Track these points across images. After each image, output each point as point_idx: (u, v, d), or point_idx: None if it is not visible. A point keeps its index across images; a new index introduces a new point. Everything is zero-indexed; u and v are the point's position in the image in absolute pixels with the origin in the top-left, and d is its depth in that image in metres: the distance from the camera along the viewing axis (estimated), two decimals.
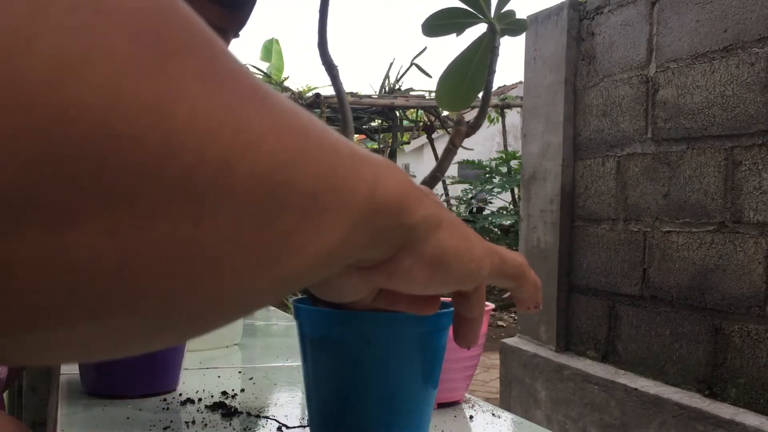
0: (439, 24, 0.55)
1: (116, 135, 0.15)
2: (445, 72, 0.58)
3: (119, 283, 0.17)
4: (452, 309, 0.48)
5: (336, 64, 0.50)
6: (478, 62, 0.56)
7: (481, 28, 0.55)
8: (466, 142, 0.54)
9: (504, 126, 7.16)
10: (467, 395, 0.75)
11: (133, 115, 0.15)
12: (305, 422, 0.63)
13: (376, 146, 6.99)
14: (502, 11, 0.54)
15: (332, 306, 0.46)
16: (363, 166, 0.27)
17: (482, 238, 0.36)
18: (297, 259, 0.23)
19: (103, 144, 0.15)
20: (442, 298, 0.52)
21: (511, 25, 0.54)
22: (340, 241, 0.26)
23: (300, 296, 0.49)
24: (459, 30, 0.55)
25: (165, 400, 0.70)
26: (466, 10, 0.54)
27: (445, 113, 7.29)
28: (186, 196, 0.17)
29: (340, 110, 0.52)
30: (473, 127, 0.51)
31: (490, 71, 0.53)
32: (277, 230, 0.21)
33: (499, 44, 0.54)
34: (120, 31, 0.15)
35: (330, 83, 0.52)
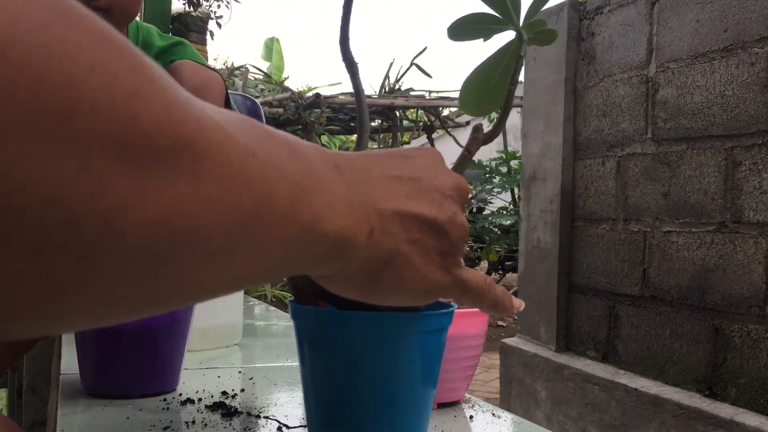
0: (467, 28, 0.54)
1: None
2: (470, 76, 0.58)
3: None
4: (452, 309, 0.48)
5: (356, 62, 0.50)
6: (504, 70, 0.56)
7: (508, 35, 0.55)
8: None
9: (504, 126, 7.14)
10: (467, 395, 0.75)
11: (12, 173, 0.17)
12: (305, 422, 0.63)
13: (376, 146, 6.99)
14: (531, 20, 0.53)
15: (329, 300, 0.46)
16: (303, 206, 0.27)
17: (450, 268, 0.36)
18: (198, 288, 0.25)
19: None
20: (442, 299, 0.52)
21: (540, 34, 0.54)
22: (254, 273, 0.27)
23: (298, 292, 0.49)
24: (486, 35, 0.55)
25: (165, 400, 0.70)
26: (495, 16, 0.53)
27: (445, 113, 7.29)
28: (71, 238, 0.18)
29: (357, 108, 0.52)
30: (491, 136, 0.50)
31: (513, 81, 0.52)
32: (174, 269, 0.22)
33: (525, 53, 0.53)
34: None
35: (333, 82, 0.51)
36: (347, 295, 0.35)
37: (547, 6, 0.55)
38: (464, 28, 0.55)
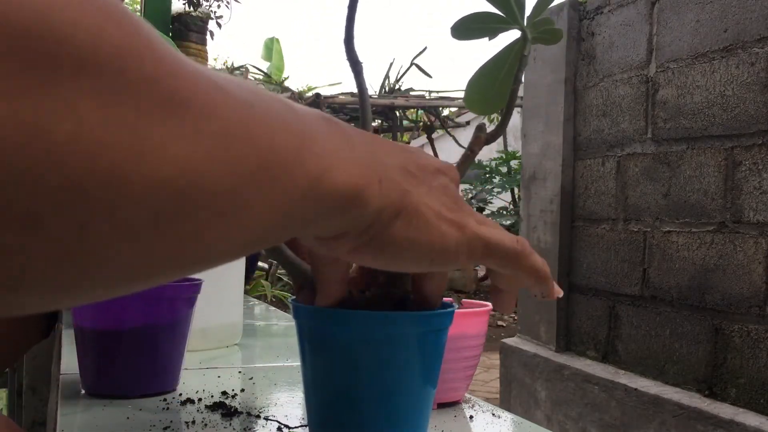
0: (470, 27, 0.54)
1: None
2: (475, 75, 0.58)
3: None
4: (452, 309, 0.48)
5: (361, 61, 0.50)
6: (508, 69, 0.56)
7: (512, 34, 0.55)
8: (468, 143, 0.54)
9: (507, 125, 7.14)
10: (467, 395, 0.75)
11: (6, 133, 0.16)
12: (305, 422, 0.63)
13: None
14: (537, 19, 0.53)
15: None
16: (310, 156, 0.26)
17: (465, 224, 0.34)
18: (209, 249, 0.24)
19: None
20: (444, 299, 0.52)
21: (544, 33, 0.54)
22: (266, 229, 0.26)
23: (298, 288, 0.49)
24: (491, 35, 0.55)
25: (165, 400, 0.70)
26: (499, 15, 0.53)
27: (445, 113, 7.29)
28: (68, 204, 0.18)
29: (360, 108, 0.52)
30: (494, 136, 0.50)
31: (516, 80, 0.52)
32: (182, 230, 0.22)
33: (529, 53, 0.53)
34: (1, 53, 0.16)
35: (333, 82, 0.51)
36: (362, 257, 0.33)
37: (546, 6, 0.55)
38: (468, 28, 0.54)
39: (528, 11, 0.53)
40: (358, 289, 0.46)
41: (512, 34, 0.55)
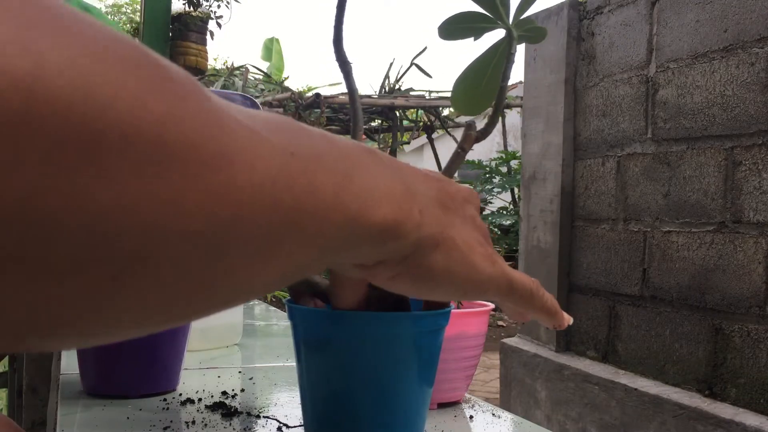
0: (456, 27, 0.54)
1: None
2: (461, 76, 0.58)
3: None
4: (448, 310, 0.48)
5: (350, 61, 0.50)
6: (494, 67, 0.56)
7: (498, 34, 0.55)
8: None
9: (504, 126, 7.16)
10: (467, 395, 0.75)
11: (46, 204, 0.17)
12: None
13: (376, 146, 6.99)
14: (521, 18, 0.53)
15: (325, 301, 0.46)
16: (349, 194, 0.27)
17: (496, 260, 0.36)
18: (240, 289, 0.25)
19: None
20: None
21: (529, 32, 0.54)
22: (299, 265, 0.26)
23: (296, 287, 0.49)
24: (477, 34, 0.55)
25: (165, 400, 0.70)
26: (484, 14, 0.53)
27: (445, 113, 7.29)
28: (102, 260, 0.19)
29: (351, 109, 0.52)
30: (484, 133, 0.50)
31: (504, 77, 0.52)
32: (212, 275, 0.22)
33: (515, 51, 0.53)
34: None
35: (334, 82, 0.51)
36: (400, 286, 0.34)
37: (547, 6, 0.55)
38: (454, 28, 0.55)
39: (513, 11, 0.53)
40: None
41: (498, 34, 0.55)
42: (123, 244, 0.19)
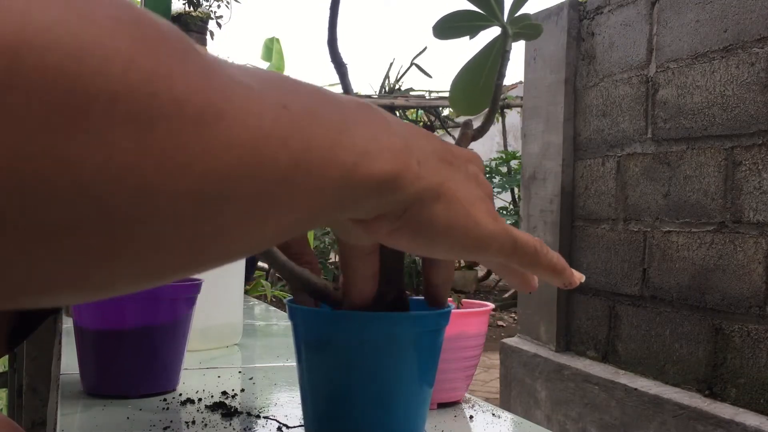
0: (451, 26, 0.54)
1: None
2: (457, 76, 0.58)
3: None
4: (448, 309, 0.48)
5: (345, 63, 0.50)
6: (491, 66, 0.55)
7: (494, 32, 0.55)
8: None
9: (504, 126, 7.16)
10: (467, 395, 0.75)
11: (38, 166, 0.17)
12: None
13: None
14: (516, 15, 0.53)
15: (327, 301, 0.46)
16: (346, 147, 0.26)
17: (498, 217, 0.35)
18: (235, 245, 0.25)
19: None
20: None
21: (524, 29, 0.54)
22: (297, 220, 0.26)
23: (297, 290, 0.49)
24: (472, 33, 0.55)
25: (165, 400, 0.70)
26: (479, 12, 0.53)
27: (445, 113, 7.29)
28: (98, 219, 0.19)
29: None
30: (480, 132, 0.50)
31: (500, 75, 0.52)
32: (207, 231, 0.22)
33: (511, 48, 0.53)
34: None
35: (334, 82, 0.51)
36: (399, 240, 0.34)
37: (546, 6, 0.55)
38: (448, 27, 0.54)
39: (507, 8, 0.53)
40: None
41: (493, 32, 0.55)
42: (115, 205, 0.19)
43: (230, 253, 0.25)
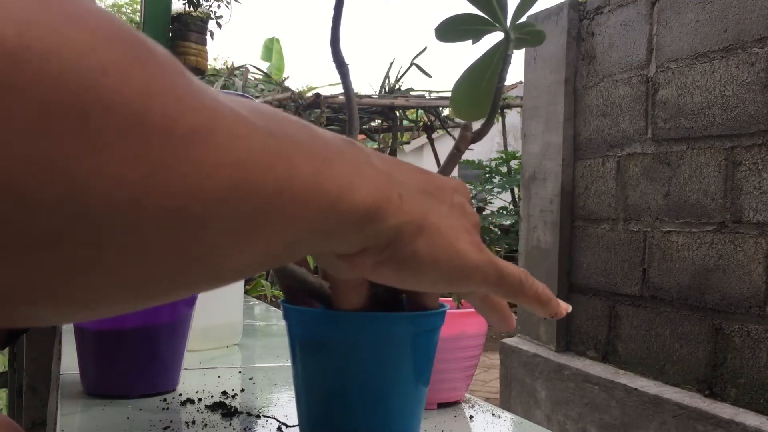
0: (453, 29, 0.54)
1: None
2: (459, 80, 0.57)
3: None
4: (444, 309, 0.48)
5: (347, 63, 0.50)
6: (493, 71, 0.55)
7: (496, 36, 0.55)
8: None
9: (504, 126, 7.16)
10: (467, 395, 0.75)
11: (30, 170, 0.17)
12: None
13: (376, 146, 6.99)
14: (518, 21, 0.53)
15: (322, 301, 0.46)
16: (328, 178, 0.27)
17: (483, 248, 0.35)
18: (221, 269, 0.25)
19: None
20: (441, 299, 0.52)
21: (527, 34, 0.54)
22: (283, 248, 0.27)
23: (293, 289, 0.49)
24: (474, 37, 0.55)
25: (165, 400, 0.70)
26: (482, 17, 0.53)
27: (445, 113, 7.29)
28: (84, 229, 0.19)
29: (347, 109, 0.52)
30: (480, 134, 0.50)
31: (501, 79, 0.52)
32: (192, 253, 0.22)
33: (512, 53, 0.53)
34: None
35: (334, 82, 0.51)
36: (383, 274, 0.34)
37: (546, 6, 0.55)
38: (451, 30, 0.54)
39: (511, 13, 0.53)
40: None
41: (496, 37, 0.55)
42: (102, 214, 0.19)
43: (217, 276, 0.25)
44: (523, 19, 0.53)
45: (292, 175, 0.25)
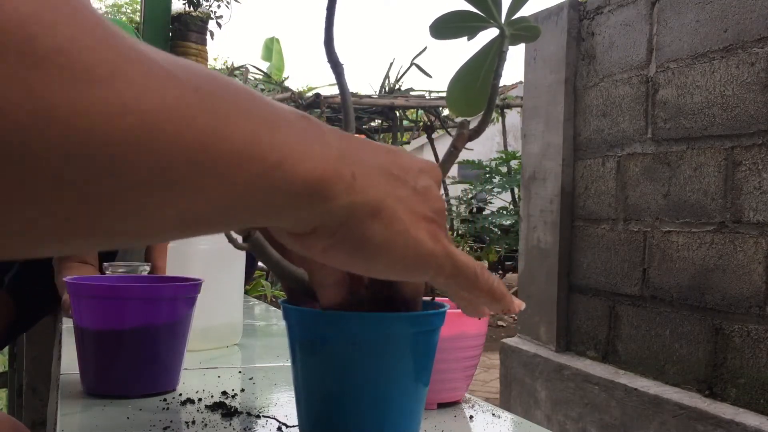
0: (448, 27, 0.54)
1: None
2: (455, 77, 0.57)
3: None
4: (444, 309, 0.48)
5: (342, 62, 0.50)
6: (488, 67, 0.55)
7: (491, 33, 0.55)
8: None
9: (504, 126, 7.16)
10: (467, 395, 0.75)
11: None
12: None
13: None
14: (513, 17, 0.53)
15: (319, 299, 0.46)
16: (268, 144, 0.26)
17: (440, 238, 0.34)
18: (129, 220, 0.24)
19: None
20: (437, 298, 0.52)
21: (522, 30, 0.54)
22: (211, 211, 0.26)
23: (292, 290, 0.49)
24: (469, 33, 0.55)
25: (165, 400, 0.70)
26: (476, 13, 0.53)
27: (445, 113, 7.28)
28: None
29: (342, 109, 0.52)
30: (477, 132, 0.50)
31: (496, 75, 0.52)
32: (91, 195, 0.22)
33: (507, 49, 0.53)
34: None
35: (334, 82, 0.51)
36: (335, 258, 0.32)
37: (546, 6, 0.55)
38: (445, 27, 0.54)
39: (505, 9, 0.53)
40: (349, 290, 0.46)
41: (491, 33, 0.55)
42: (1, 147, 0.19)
43: (134, 229, 0.24)
44: (518, 15, 0.53)
45: (220, 134, 0.24)
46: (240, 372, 0.86)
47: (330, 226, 0.31)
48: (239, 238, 0.48)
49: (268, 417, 0.65)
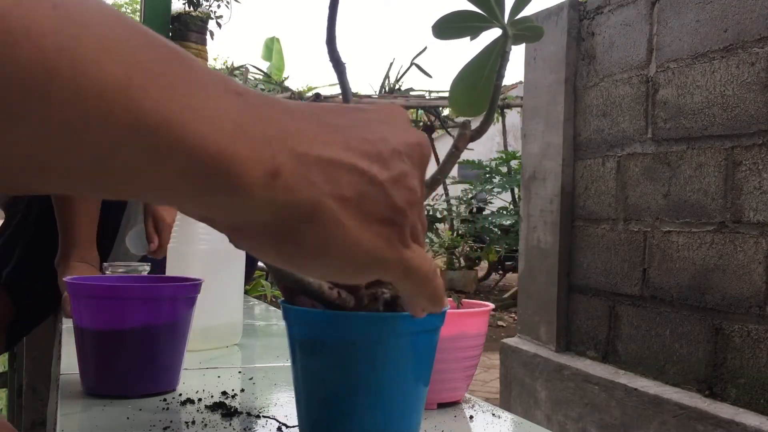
0: (451, 26, 0.54)
1: None
2: (457, 77, 0.57)
3: None
4: (444, 309, 0.48)
5: (344, 61, 0.50)
6: (491, 68, 0.55)
7: (494, 33, 0.55)
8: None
9: (504, 126, 7.17)
10: (467, 395, 0.75)
11: None
12: None
13: None
14: (516, 17, 0.53)
15: (321, 302, 0.46)
16: (155, 93, 0.23)
17: (395, 240, 0.30)
18: (24, 155, 0.22)
19: None
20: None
21: (525, 30, 0.54)
22: (77, 164, 0.23)
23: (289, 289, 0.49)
24: (472, 34, 0.55)
25: (165, 400, 0.70)
26: (479, 13, 0.53)
27: (445, 113, 7.28)
28: None
29: None
30: (479, 132, 0.50)
31: (499, 76, 0.52)
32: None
33: (510, 49, 0.53)
34: None
35: (334, 82, 0.51)
36: (265, 254, 0.29)
37: (547, 6, 0.55)
38: (448, 27, 0.54)
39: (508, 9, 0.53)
40: (348, 290, 0.46)
41: (494, 34, 0.55)
42: None
43: (25, 167, 0.22)
44: (521, 15, 0.53)
45: (78, 66, 0.21)
46: (240, 372, 0.86)
47: (255, 224, 0.28)
48: None
49: (268, 417, 0.65)
